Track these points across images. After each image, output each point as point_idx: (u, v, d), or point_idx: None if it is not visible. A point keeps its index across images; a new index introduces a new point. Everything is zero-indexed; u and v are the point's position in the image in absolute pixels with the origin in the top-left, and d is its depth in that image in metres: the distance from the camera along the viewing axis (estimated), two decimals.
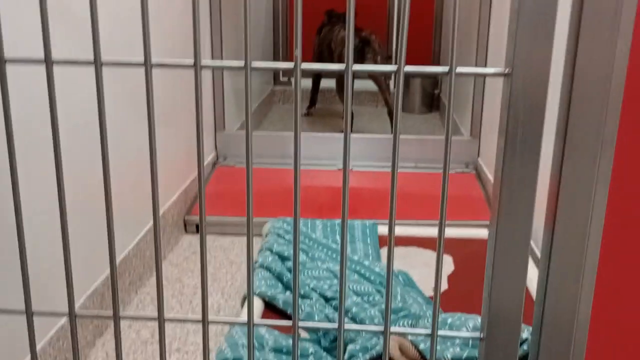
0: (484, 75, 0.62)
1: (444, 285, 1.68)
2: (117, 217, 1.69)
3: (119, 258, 1.72)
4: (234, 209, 2.29)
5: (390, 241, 0.71)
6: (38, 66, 0.66)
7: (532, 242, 0.81)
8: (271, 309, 1.49)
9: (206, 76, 2.57)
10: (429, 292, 1.65)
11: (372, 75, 3.23)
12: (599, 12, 0.58)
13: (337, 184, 2.55)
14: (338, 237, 1.89)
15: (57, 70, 0.66)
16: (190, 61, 0.65)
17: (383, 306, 1.45)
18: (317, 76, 3.61)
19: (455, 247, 1.83)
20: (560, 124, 0.61)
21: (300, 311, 1.45)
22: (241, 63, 0.65)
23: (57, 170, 0.70)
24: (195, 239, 2.23)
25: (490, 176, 2.46)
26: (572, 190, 0.60)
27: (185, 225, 2.26)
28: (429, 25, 4.11)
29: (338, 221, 2.00)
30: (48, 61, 0.66)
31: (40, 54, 0.66)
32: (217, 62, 0.70)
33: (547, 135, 0.61)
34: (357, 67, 0.65)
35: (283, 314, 1.48)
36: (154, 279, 1.92)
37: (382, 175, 2.62)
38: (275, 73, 4.17)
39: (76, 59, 0.66)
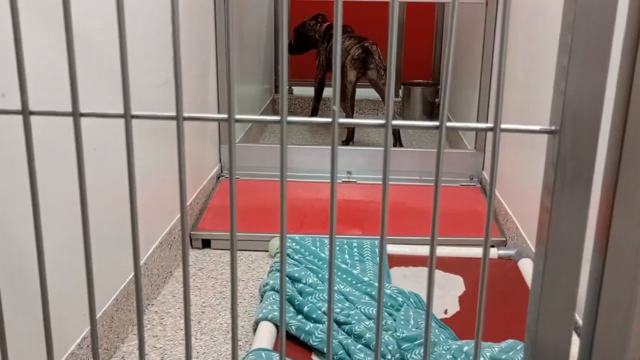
0: (530, 132, 0.61)
1: (456, 307, 1.67)
2: (125, 237, 1.68)
3: (127, 278, 1.71)
4: (240, 223, 2.27)
5: (430, 270, 0.70)
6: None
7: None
8: None
9: (212, 87, 2.55)
10: (440, 313, 1.64)
11: (375, 85, 3.22)
12: None
13: (341, 196, 2.54)
14: (347, 256, 1.87)
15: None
16: (224, 116, 0.63)
17: (398, 333, 1.43)
18: (320, 85, 3.60)
19: (465, 266, 1.82)
20: (607, 177, 0.60)
21: (313, 337, 1.44)
22: (277, 118, 0.63)
23: (82, 200, 0.68)
24: (200, 254, 2.21)
25: (495, 190, 2.45)
26: (620, 253, 0.59)
27: (190, 241, 2.25)
28: (429, 34, 4.10)
29: (347, 240, 1.98)
30: (76, 114, 0.64)
31: (65, 105, 0.64)
32: (249, 117, 0.69)
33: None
34: (397, 123, 0.64)
35: (295, 338, 1.47)
36: (161, 297, 1.90)
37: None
38: (277, 81, 4.15)
39: (105, 112, 0.65)
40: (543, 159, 0.63)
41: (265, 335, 1.43)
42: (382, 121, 0.67)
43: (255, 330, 1.50)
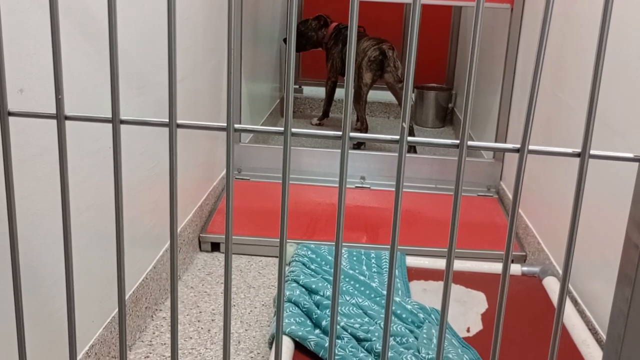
0: (559, 155, 0.55)
1: (478, 325, 1.60)
2: (135, 240, 1.61)
3: (138, 282, 1.64)
4: (250, 227, 2.20)
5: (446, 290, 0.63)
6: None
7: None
8: (301, 349, 1.41)
9: (223, 82, 2.48)
10: (462, 332, 1.57)
11: (392, 88, 3.15)
12: None
13: (355, 202, 2.47)
14: (365, 268, 1.80)
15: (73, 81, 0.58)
16: (222, 125, 0.57)
17: (422, 354, 1.37)
18: (332, 89, 3.53)
19: (488, 282, 1.76)
20: None
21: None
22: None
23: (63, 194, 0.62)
24: (210, 258, 2.14)
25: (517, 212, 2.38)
26: None
27: (199, 244, 2.18)
28: (444, 38, 4.03)
29: (364, 250, 1.92)
30: (60, 117, 0.58)
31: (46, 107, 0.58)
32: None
33: None
34: (413, 139, 0.61)
35: (314, 355, 1.40)
36: (169, 302, 1.83)
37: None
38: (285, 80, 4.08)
39: (92, 116, 0.59)
40: (565, 168, 0.57)
41: (283, 351, 1.36)
42: (396, 137, 0.63)
43: (271, 344, 1.43)
